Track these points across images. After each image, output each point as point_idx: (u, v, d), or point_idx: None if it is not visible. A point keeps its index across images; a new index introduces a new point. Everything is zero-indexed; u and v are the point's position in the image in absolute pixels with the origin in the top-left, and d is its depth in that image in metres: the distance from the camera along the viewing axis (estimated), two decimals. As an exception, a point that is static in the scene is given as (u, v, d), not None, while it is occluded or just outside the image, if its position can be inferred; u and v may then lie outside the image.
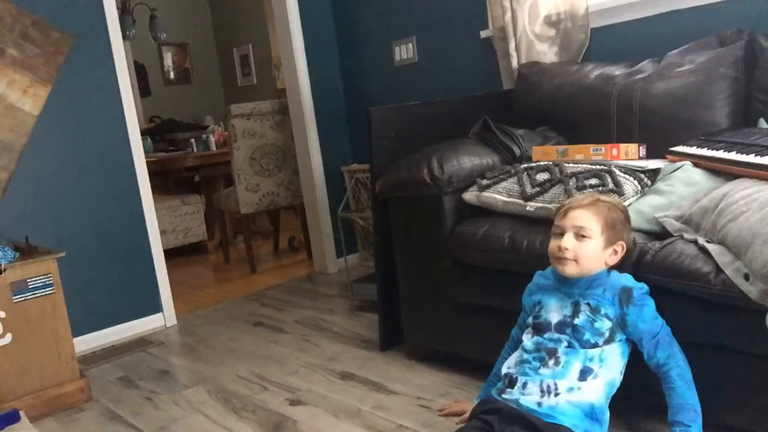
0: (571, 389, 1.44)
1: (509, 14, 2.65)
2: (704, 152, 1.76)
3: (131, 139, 2.99)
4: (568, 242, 1.49)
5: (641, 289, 1.49)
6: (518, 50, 2.66)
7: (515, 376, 1.52)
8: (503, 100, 2.57)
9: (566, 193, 1.74)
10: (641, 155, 1.99)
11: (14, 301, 2.17)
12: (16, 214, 2.68)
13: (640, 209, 1.66)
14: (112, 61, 2.92)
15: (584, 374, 1.45)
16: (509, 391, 1.50)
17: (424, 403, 1.95)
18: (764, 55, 1.97)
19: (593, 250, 1.49)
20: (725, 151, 1.70)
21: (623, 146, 1.96)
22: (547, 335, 1.52)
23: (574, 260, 1.49)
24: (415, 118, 2.36)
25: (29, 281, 2.19)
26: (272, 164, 4.03)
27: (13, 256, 2.18)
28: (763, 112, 1.93)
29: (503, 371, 1.58)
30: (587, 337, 1.48)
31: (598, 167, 1.82)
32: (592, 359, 1.46)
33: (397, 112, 2.33)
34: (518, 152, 2.15)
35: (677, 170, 1.76)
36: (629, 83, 2.15)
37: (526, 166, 1.98)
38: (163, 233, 3.62)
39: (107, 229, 2.92)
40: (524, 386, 1.48)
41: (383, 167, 2.21)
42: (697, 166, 1.76)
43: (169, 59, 6.83)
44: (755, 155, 1.60)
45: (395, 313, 2.29)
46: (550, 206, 1.75)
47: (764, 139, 1.67)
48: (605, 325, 1.48)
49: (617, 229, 1.52)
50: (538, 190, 1.83)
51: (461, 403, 1.85)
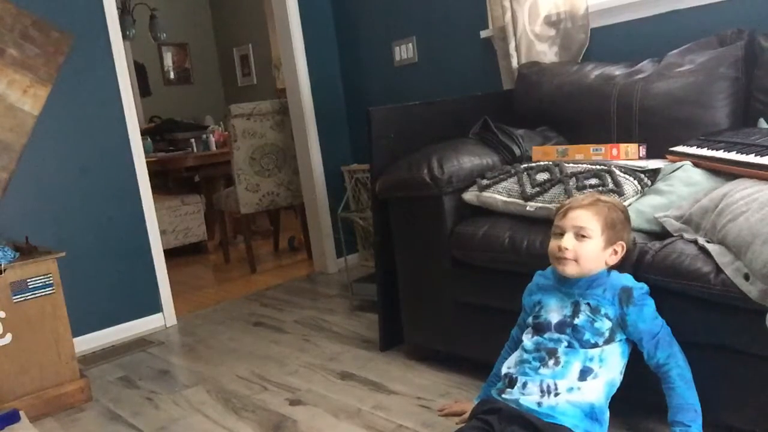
0: (571, 389, 1.44)
1: (509, 14, 2.65)
2: (704, 152, 1.76)
3: (131, 139, 2.99)
4: (568, 242, 1.50)
5: (641, 289, 1.49)
6: (518, 50, 2.66)
7: (515, 376, 1.52)
8: (503, 100, 2.57)
9: (566, 193, 1.74)
10: (641, 155, 1.99)
11: (14, 301, 2.17)
12: (16, 214, 2.67)
13: (640, 209, 1.66)
14: (112, 61, 2.92)
15: (584, 374, 1.45)
16: (509, 391, 1.50)
17: (424, 403, 1.95)
18: (764, 55, 1.97)
19: (593, 250, 1.49)
20: (725, 151, 1.70)
21: (623, 146, 1.96)
22: (547, 335, 1.53)
23: (574, 260, 1.50)
24: (415, 118, 2.36)
25: (29, 281, 2.19)
26: (272, 164, 4.03)
27: (13, 256, 2.18)
28: (763, 112, 1.93)
29: (503, 371, 1.58)
30: (587, 337, 1.48)
31: (598, 167, 1.82)
32: (592, 359, 1.47)
33: (397, 112, 2.33)
34: (518, 152, 2.15)
35: (677, 170, 1.76)
36: (629, 83, 2.15)
37: (526, 166, 1.97)
38: (163, 233, 3.62)
39: (107, 229, 2.92)
40: (524, 386, 1.48)
41: (383, 167, 2.21)
42: (697, 166, 1.76)
43: (169, 59, 6.83)
44: (755, 155, 1.60)
45: (395, 313, 2.29)
46: (550, 206, 1.75)
47: (764, 139, 1.67)
48: (605, 325, 1.48)
49: (617, 229, 1.52)
50: (538, 190, 1.83)
51: (461, 403, 1.85)
